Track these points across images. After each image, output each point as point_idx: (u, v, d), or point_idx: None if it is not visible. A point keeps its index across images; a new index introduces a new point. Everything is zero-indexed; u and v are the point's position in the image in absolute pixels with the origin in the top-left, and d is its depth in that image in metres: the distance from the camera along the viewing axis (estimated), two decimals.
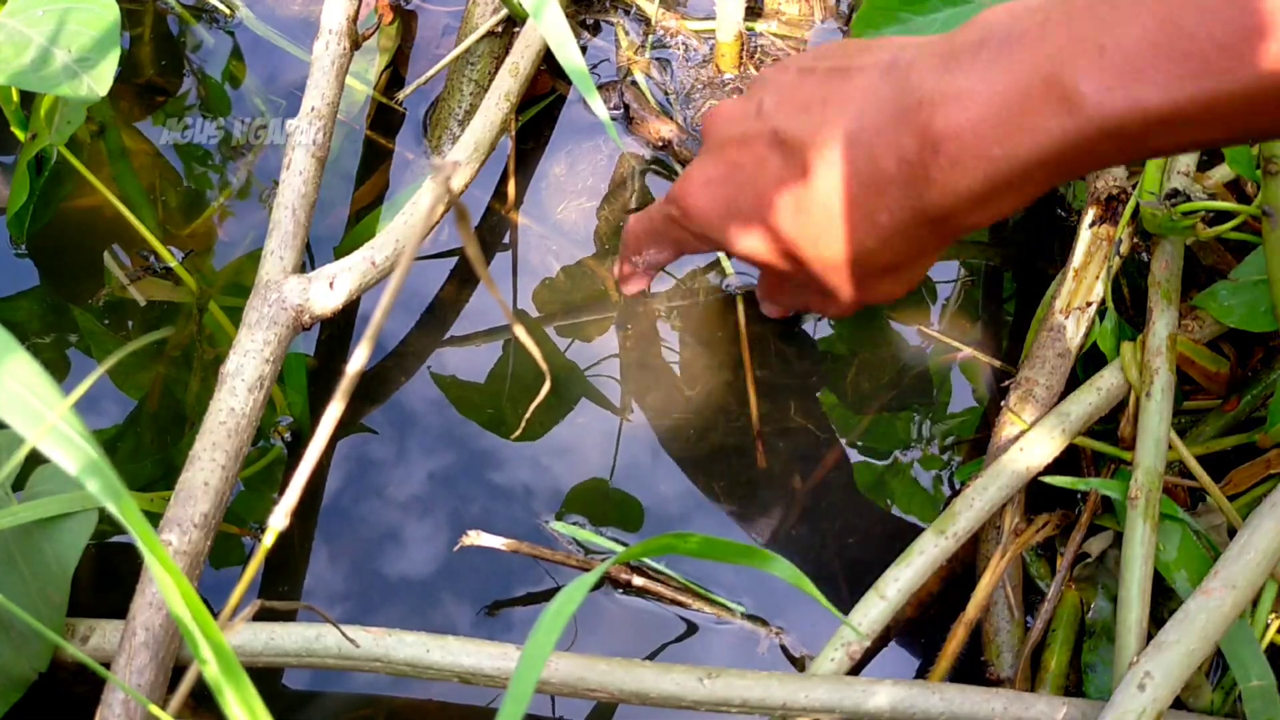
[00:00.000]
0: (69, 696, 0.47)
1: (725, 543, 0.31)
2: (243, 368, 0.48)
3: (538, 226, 0.61)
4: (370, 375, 0.57)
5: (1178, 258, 0.54)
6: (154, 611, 0.42)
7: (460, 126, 0.61)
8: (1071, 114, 0.36)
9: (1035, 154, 0.37)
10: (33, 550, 0.44)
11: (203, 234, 0.59)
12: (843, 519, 0.55)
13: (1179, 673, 0.43)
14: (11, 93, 0.53)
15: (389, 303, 0.22)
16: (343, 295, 0.50)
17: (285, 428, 0.55)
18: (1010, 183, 0.38)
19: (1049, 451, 0.51)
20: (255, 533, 0.53)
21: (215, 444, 0.46)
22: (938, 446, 0.56)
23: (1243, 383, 0.54)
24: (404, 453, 0.55)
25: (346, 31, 0.55)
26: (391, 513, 0.54)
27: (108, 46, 0.47)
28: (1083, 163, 0.37)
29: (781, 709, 0.45)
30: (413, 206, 0.54)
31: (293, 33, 0.65)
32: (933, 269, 0.60)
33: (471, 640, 0.45)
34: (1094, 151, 0.37)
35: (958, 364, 0.58)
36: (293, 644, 0.45)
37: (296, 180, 0.52)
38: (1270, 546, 0.45)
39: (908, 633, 0.52)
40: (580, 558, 0.52)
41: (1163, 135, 0.36)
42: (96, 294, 0.57)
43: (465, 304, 0.59)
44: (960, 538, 0.49)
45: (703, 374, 0.57)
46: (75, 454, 0.22)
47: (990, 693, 0.45)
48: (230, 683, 0.24)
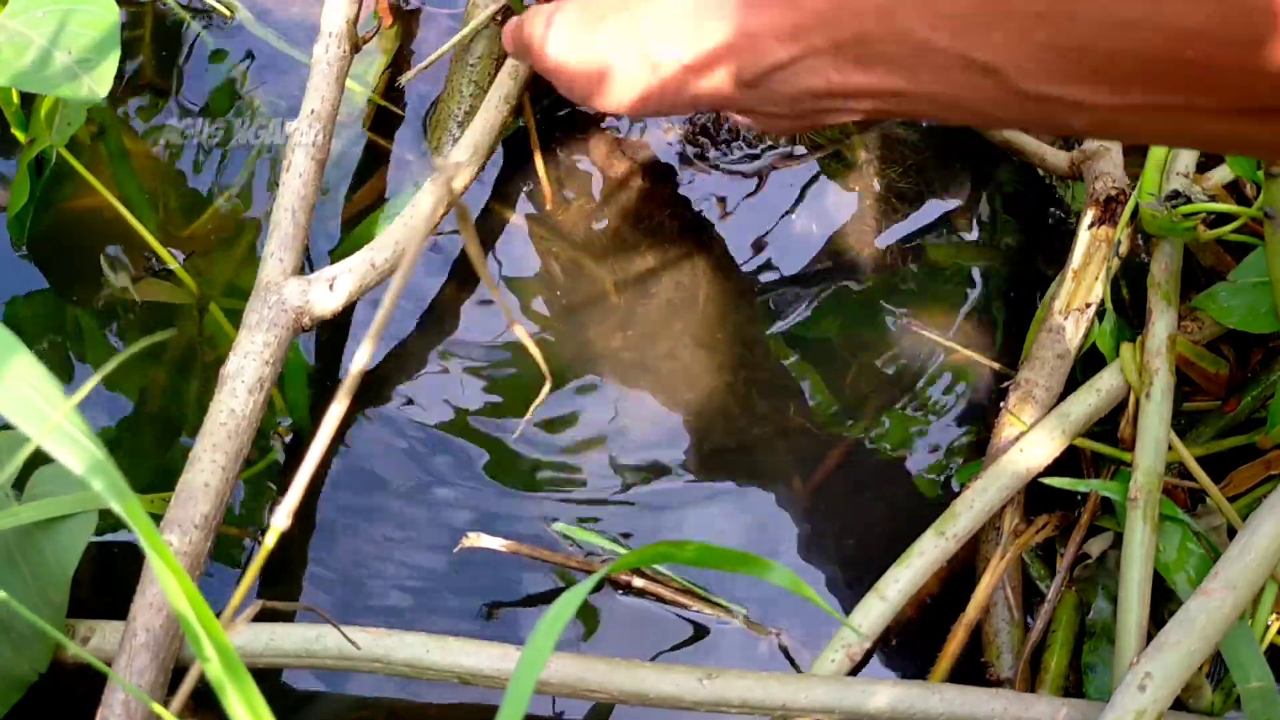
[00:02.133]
0: (69, 697, 0.47)
1: (722, 550, 0.31)
2: (243, 369, 0.48)
3: (537, 227, 0.61)
4: (371, 376, 0.57)
5: (1177, 259, 0.54)
6: (154, 612, 0.42)
7: (460, 128, 0.61)
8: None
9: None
10: (33, 551, 0.44)
11: (203, 236, 0.59)
12: (842, 520, 0.55)
13: (1179, 673, 0.43)
14: (12, 94, 0.53)
15: (391, 303, 0.22)
16: (343, 297, 0.50)
17: (286, 429, 0.55)
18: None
19: (1049, 452, 0.51)
20: (255, 534, 0.53)
21: (215, 445, 0.46)
22: (937, 448, 0.56)
23: (1242, 384, 0.54)
24: (404, 454, 0.55)
25: (346, 34, 0.55)
26: (392, 513, 0.54)
27: (108, 48, 0.47)
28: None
29: (781, 709, 0.45)
30: (413, 208, 0.54)
31: (292, 35, 0.65)
32: (932, 270, 0.60)
33: (471, 641, 0.45)
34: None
35: (957, 365, 0.58)
36: (293, 645, 0.45)
37: (296, 182, 0.52)
38: (1270, 547, 0.45)
39: (908, 634, 0.52)
40: (580, 559, 0.52)
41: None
42: (97, 296, 0.57)
43: (465, 304, 0.59)
44: (960, 539, 0.49)
45: (703, 375, 0.57)
46: (80, 454, 0.22)
47: (990, 693, 0.46)
48: (233, 682, 0.24)
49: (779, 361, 0.58)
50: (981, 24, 0.36)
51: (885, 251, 0.60)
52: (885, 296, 0.59)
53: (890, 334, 0.59)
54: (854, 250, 0.61)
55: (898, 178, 0.62)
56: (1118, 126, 0.37)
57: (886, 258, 0.60)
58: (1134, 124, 0.37)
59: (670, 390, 0.57)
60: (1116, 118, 0.36)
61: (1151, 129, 0.38)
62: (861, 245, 0.61)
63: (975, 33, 0.36)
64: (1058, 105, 0.36)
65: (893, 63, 0.39)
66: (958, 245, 0.61)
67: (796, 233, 0.61)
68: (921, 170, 0.62)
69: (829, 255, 0.60)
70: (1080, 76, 0.35)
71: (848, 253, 0.60)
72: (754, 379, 0.57)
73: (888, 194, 0.62)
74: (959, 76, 0.38)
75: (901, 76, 0.39)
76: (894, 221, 0.61)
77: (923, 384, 0.58)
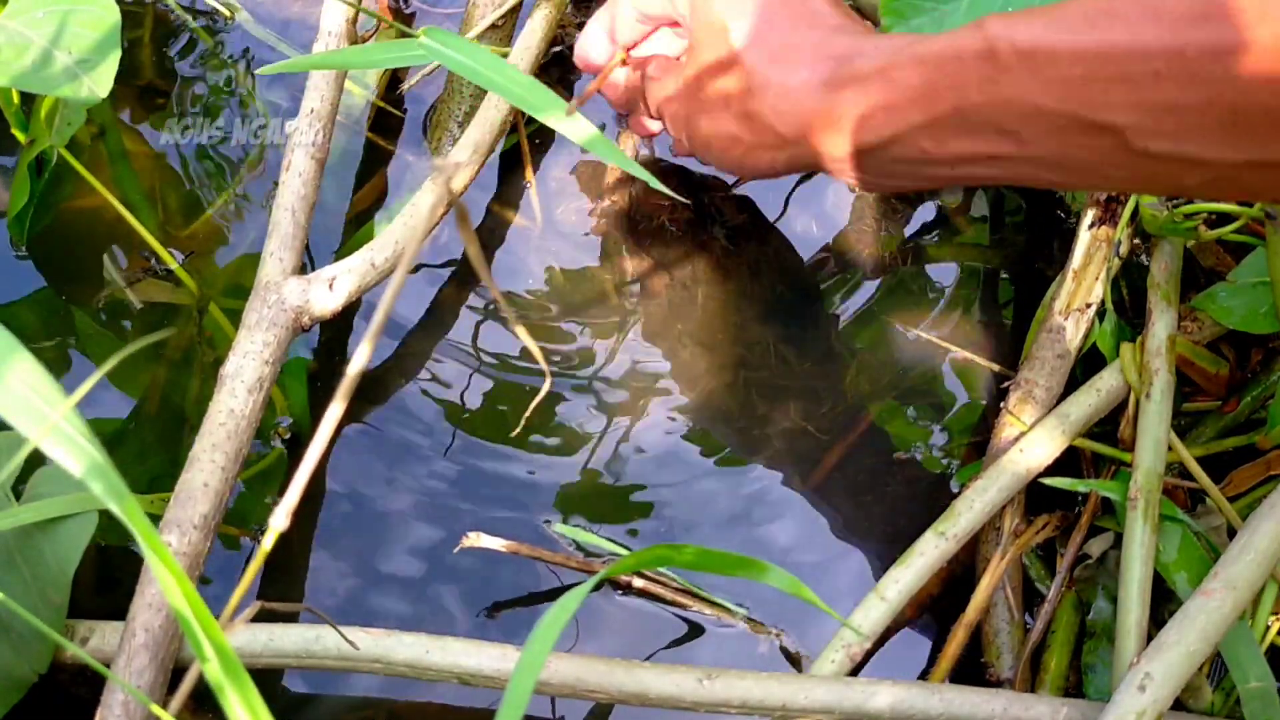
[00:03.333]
0: (69, 698, 0.47)
1: (721, 554, 0.30)
2: (242, 369, 0.48)
3: (537, 228, 0.61)
4: (370, 376, 0.57)
5: (1177, 259, 0.54)
6: (154, 613, 0.42)
7: (460, 128, 0.61)
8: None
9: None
10: (33, 552, 0.44)
11: (203, 236, 0.59)
12: (843, 520, 0.55)
13: (1179, 674, 0.43)
14: (12, 94, 0.53)
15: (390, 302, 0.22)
16: (342, 297, 0.50)
17: (285, 429, 0.55)
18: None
19: (1049, 453, 0.51)
20: (255, 534, 0.53)
21: (215, 445, 0.46)
22: (937, 448, 0.56)
23: (1242, 384, 0.54)
24: (403, 454, 0.55)
25: (346, 34, 0.55)
26: (391, 514, 0.54)
27: (108, 48, 0.47)
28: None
29: (781, 710, 0.45)
30: (413, 208, 0.54)
31: (293, 35, 0.65)
32: (932, 270, 0.60)
33: (471, 641, 0.45)
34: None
35: (957, 366, 0.58)
36: (292, 645, 0.45)
37: (296, 182, 0.52)
38: (1270, 548, 0.45)
39: (908, 634, 0.52)
40: (580, 559, 0.52)
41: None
42: (97, 296, 0.57)
43: (465, 305, 0.59)
44: (960, 539, 0.49)
45: (703, 376, 0.57)
46: (79, 455, 0.22)
47: (990, 694, 0.46)
48: (232, 683, 0.24)
49: (779, 361, 0.58)
50: (1098, 86, 0.36)
51: (885, 251, 0.60)
52: (885, 297, 0.59)
53: (890, 334, 0.59)
54: (854, 250, 0.61)
55: None
56: (1236, 184, 0.37)
57: (886, 258, 0.60)
58: (1253, 181, 0.36)
59: (670, 390, 0.57)
60: (1237, 175, 0.36)
61: (1269, 183, 0.37)
62: (861, 245, 0.61)
63: (1092, 94, 0.36)
64: (1176, 164, 0.36)
65: (999, 129, 0.39)
66: (958, 245, 0.61)
67: (797, 233, 0.61)
68: None
69: (829, 255, 0.60)
70: (1203, 133, 0.35)
71: (848, 253, 0.60)
72: (754, 379, 0.57)
73: (888, 194, 0.62)
74: (1073, 138, 0.37)
75: (1009, 141, 0.39)
76: (894, 221, 0.61)
77: (923, 384, 0.58)
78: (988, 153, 0.40)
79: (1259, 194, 0.41)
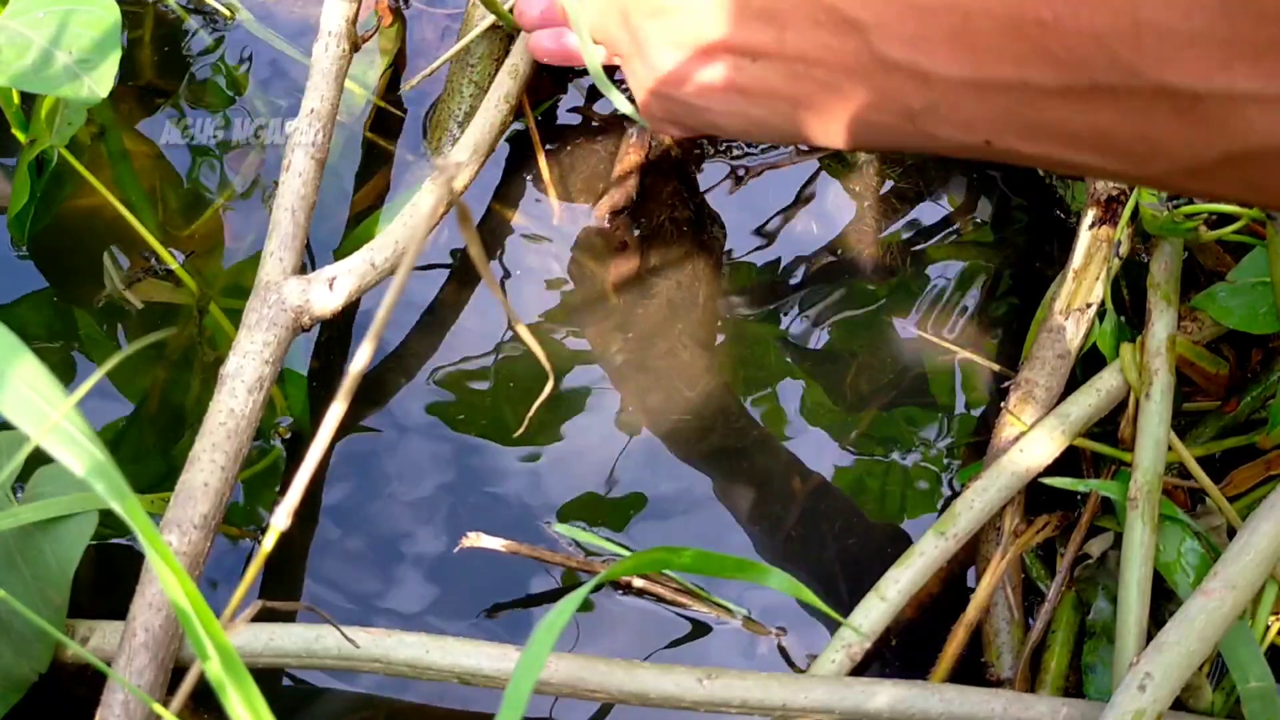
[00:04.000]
0: (69, 698, 0.47)
1: (720, 556, 0.30)
2: (242, 369, 0.48)
3: (536, 228, 0.61)
4: (370, 376, 0.57)
5: (1177, 259, 0.54)
6: (154, 612, 0.42)
7: (460, 128, 0.61)
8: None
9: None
10: (33, 551, 0.44)
11: (203, 235, 0.59)
12: (843, 520, 0.55)
13: (1179, 674, 0.43)
14: (12, 94, 0.53)
15: (391, 302, 0.22)
16: (342, 297, 0.50)
17: (285, 429, 0.55)
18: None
19: (1049, 453, 0.51)
20: (255, 534, 0.53)
21: (215, 445, 0.46)
22: (937, 448, 0.56)
23: (1242, 384, 0.54)
24: (404, 454, 0.55)
25: (346, 34, 0.55)
26: (391, 514, 0.54)
27: (108, 48, 0.47)
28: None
29: (781, 710, 0.45)
30: (413, 208, 0.54)
31: (292, 35, 0.65)
32: (932, 270, 0.60)
33: (471, 641, 0.45)
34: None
35: (957, 365, 0.58)
36: (293, 645, 0.45)
37: (296, 182, 0.52)
38: (1270, 547, 0.45)
39: (908, 634, 0.52)
40: (580, 559, 0.52)
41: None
42: (98, 296, 0.57)
43: (465, 305, 0.59)
44: (960, 539, 0.49)
45: (703, 375, 0.57)
46: (81, 454, 0.22)
47: (990, 694, 0.46)
48: (233, 682, 0.24)
49: (779, 361, 0.58)
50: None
51: (885, 251, 0.60)
52: (885, 297, 0.59)
53: (890, 334, 0.59)
54: (854, 250, 0.61)
55: (898, 178, 0.62)
56: (956, 112, 0.36)
57: (886, 258, 0.60)
58: (971, 109, 0.35)
59: (670, 390, 0.57)
60: (955, 99, 0.35)
61: (984, 113, 0.35)
62: (861, 245, 0.61)
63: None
64: (908, 79, 0.36)
65: (767, 13, 0.39)
66: (958, 245, 0.61)
67: (797, 233, 0.61)
68: (921, 170, 0.62)
69: (829, 255, 0.61)
70: (933, 43, 0.35)
71: (848, 253, 0.61)
72: (754, 379, 0.57)
73: (888, 194, 0.62)
74: (826, 36, 0.37)
75: (772, 29, 0.39)
76: (894, 221, 0.61)
77: (923, 384, 0.58)
78: (752, 44, 0.40)
79: (974, 128, 0.36)
